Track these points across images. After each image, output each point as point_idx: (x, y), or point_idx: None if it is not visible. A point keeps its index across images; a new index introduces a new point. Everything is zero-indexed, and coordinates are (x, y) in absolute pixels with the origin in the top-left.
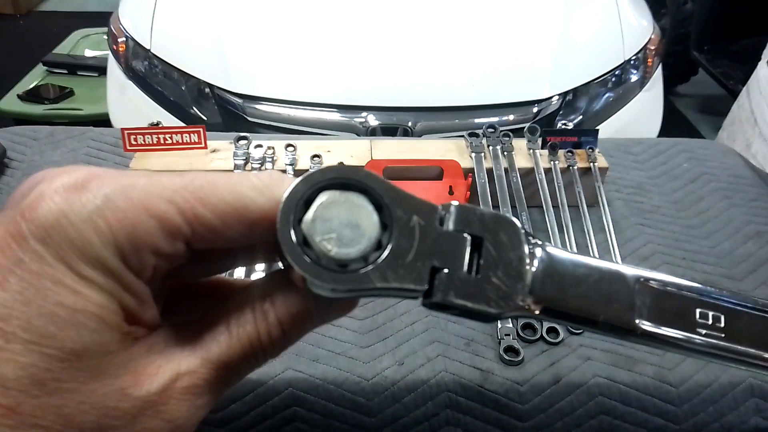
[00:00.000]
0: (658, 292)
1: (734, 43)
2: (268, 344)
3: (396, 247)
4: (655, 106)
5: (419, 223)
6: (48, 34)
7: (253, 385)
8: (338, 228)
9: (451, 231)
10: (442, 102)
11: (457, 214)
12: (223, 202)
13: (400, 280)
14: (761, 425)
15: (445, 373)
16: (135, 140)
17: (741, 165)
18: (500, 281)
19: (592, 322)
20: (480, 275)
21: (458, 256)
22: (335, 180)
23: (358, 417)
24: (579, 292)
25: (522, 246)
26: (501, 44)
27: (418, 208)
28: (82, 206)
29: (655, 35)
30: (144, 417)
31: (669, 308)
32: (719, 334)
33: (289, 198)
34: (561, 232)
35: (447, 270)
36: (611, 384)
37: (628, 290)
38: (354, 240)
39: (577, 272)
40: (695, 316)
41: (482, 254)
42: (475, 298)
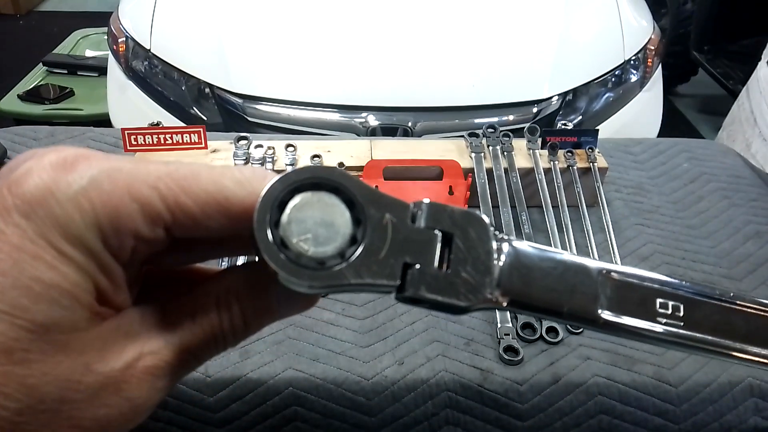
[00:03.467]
0: (619, 283)
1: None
2: (229, 333)
3: (369, 244)
4: (655, 106)
5: (391, 220)
6: (48, 34)
7: (254, 385)
8: (313, 227)
9: (423, 228)
10: (442, 102)
11: (428, 211)
12: (204, 192)
13: (373, 276)
14: (760, 425)
15: (445, 373)
16: (135, 140)
17: (741, 165)
18: (469, 275)
19: (557, 312)
20: (450, 270)
21: (429, 251)
22: (310, 180)
23: (359, 416)
24: (544, 284)
25: (490, 241)
26: (501, 44)
27: (391, 206)
28: (68, 185)
29: (655, 35)
30: (105, 393)
31: (630, 298)
32: (678, 322)
33: (266, 198)
34: (561, 232)
35: (418, 265)
36: (610, 383)
37: (591, 282)
38: (329, 238)
39: (543, 265)
40: (655, 306)
41: (452, 250)
42: (446, 291)
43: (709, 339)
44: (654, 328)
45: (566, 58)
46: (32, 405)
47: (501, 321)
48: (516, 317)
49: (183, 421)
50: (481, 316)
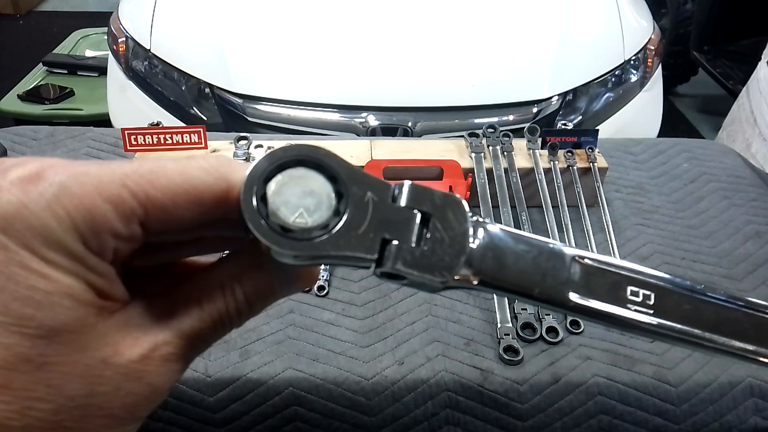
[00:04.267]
0: (592, 269)
1: (734, 43)
2: (234, 316)
3: (350, 218)
4: (655, 106)
5: (373, 198)
6: (48, 34)
7: (254, 385)
8: (298, 200)
9: (403, 207)
10: (442, 102)
11: (408, 192)
12: (172, 182)
13: (352, 249)
14: (760, 425)
15: (444, 373)
16: (135, 140)
17: (741, 165)
18: (445, 254)
19: (528, 294)
20: (426, 247)
21: (408, 229)
22: (296, 157)
23: (359, 416)
24: (517, 266)
25: (466, 223)
26: (501, 44)
27: (373, 185)
28: (40, 195)
29: (655, 35)
30: (127, 382)
31: (601, 284)
32: (648, 310)
33: (253, 172)
34: (561, 232)
35: (397, 242)
36: (611, 383)
37: (563, 266)
38: (312, 211)
39: (517, 248)
40: (626, 293)
41: (429, 229)
42: (421, 268)
43: (677, 327)
44: (623, 314)
45: (566, 58)
46: (63, 403)
47: (501, 321)
48: (516, 317)
49: (183, 421)
50: (481, 316)
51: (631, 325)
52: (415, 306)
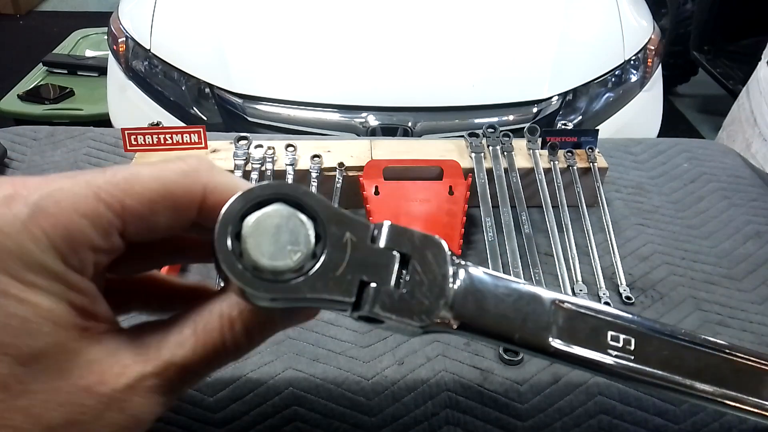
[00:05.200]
0: (572, 313)
1: (734, 43)
2: (232, 350)
3: (328, 260)
4: (655, 106)
5: (351, 239)
6: (48, 34)
7: (254, 385)
8: (273, 240)
9: (382, 248)
10: (442, 102)
11: (388, 232)
12: (147, 189)
13: (329, 292)
14: (761, 425)
15: (445, 373)
16: (135, 140)
17: (741, 165)
18: (424, 297)
19: (508, 339)
20: (406, 290)
21: (386, 271)
22: (274, 195)
23: (359, 416)
24: (497, 310)
25: (446, 265)
26: (501, 44)
27: (352, 225)
28: (15, 217)
29: (655, 35)
30: (109, 412)
31: (581, 329)
32: (629, 356)
33: (228, 211)
34: (561, 232)
35: (375, 284)
36: (611, 383)
37: (543, 311)
38: (288, 253)
39: (497, 292)
40: (607, 338)
41: (409, 271)
42: (400, 311)
43: (658, 374)
44: (604, 360)
45: (566, 58)
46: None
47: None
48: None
49: (183, 421)
50: None
51: (613, 372)
52: None
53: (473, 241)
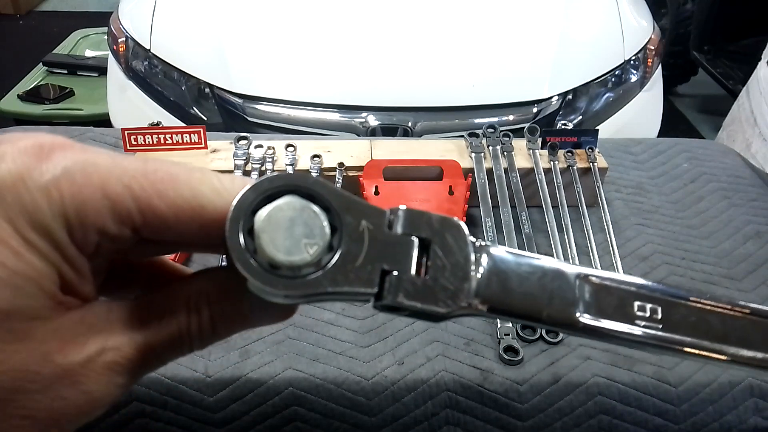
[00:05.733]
0: (597, 287)
1: (734, 43)
2: (196, 337)
3: (345, 252)
4: (655, 106)
5: (368, 227)
6: (48, 34)
7: (254, 385)
8: (287, 235)
9: (400, 234)
10: (442, 102)
11: (405, 217)
12: (180, 197)
13: (350, 284)
14: (760, 425)
15: (444, 373)
16: (135, 140)
17: (741, 165)
18: (447, 282)
19: (537, 318)
20: (428, 276)
21: (407, 258)
22: (284, 187)
23: (359, 416)
24: (523, 289)
25: (467, 247)
26: (501, 44)
27: (367, 212)
28: (41, 174)
29: (655, 35)
30: (61, 385)
31: (608, 302)
32: (657, 324)
33: (238, 206)
34: (561, 232)
35: (396, 272)
36: (610, 383)
37: (569, 286)
38: (304, 246)
39: (521, 271)
40: (634, 309)
41: (430, 256)
42: (424, 298)
43: (687, 341)
44: (633, 331)
45: (566, 58)
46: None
47: (501, 321)
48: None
49: (183, 421)
50: None
51: (642, 342)
52: None
53: None
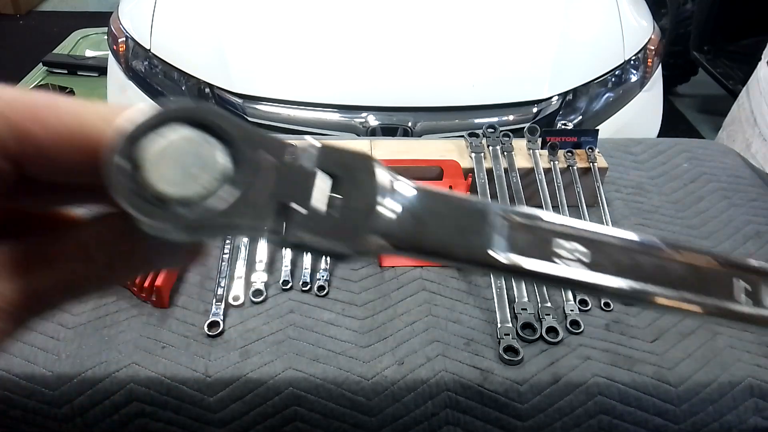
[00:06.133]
0: (519, 225)
1: (734, 43)
2: (93, 282)
3: (242, 183)
4: (655, 107)
5: (270, 159)
6: (48, 34)
7: (254, 385)
8: (177, 166)
9: (306, 169)
10: (442, 102)
11: (312, 152)
12: (62, 124)
13: (245, 218)
14: (760, 425)
15: (444, 373)
16: None
17: (741, 165)
18: (354, 219)
19: (450, 256)
20: (334, 213)
21: (309, 192)
22: (175, 115)
23: (359, 416)
24: (436, 228)
25: (378, 183)
26: (501, 44)
27: (270, 144)
28: None
29: (655, 35)
30: None
31: (528, 240)
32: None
33: (122, 131)
34: None
35: (299, 207)
36: (611, 383)
37: (486, 224)
38: (195, 178)
39: (435, 208)
40: (557, 247)
41: (337, 192)
42: (327, 235)
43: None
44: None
45: (566, 57)
46: None
47: (501, 321)
48: (516, 317)
49: (183, 421)
50: (481, 316)
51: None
52: (415, 306)
53: None
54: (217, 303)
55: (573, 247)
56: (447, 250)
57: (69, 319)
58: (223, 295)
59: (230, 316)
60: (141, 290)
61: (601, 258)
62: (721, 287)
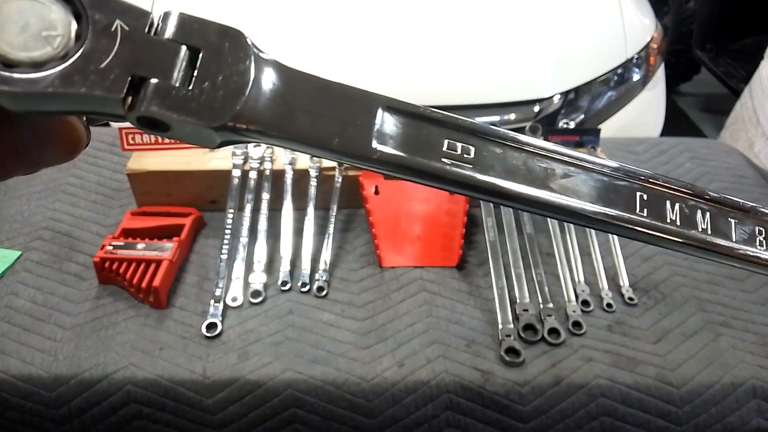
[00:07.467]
0: (404, 120)
1: (736, 41)
2: None
3: (89, 51)
4: (658, 105)
5: (122, 27)
6: None
7: (253, 387)
8: (17, 28)
9: (165, 40)
10: (442, 101)
11: (174, 23)
12: None
13: (89, 87)
14: (763, 426)
15: (445, 375)
16: (133, 139)
17: (744, 164)
18: (216, 96)
19: (324, 146)
20: (193, 88)
21: (169, 66)
22: None
23: (358, 418)
24: (313, 113)
25: (246, 60)
26: (502, 43)
27: (125, 11)
28: None
29: (658, 34)
30: None
31: (415, 137)
32: (467, 164)
33: None
34: (562, 232)
35: (156, 80)
36: (613, 385)
37: (369, 115)
38: (37, 40)
39: (313, 93)
40: (443, 146)
41: (199, 67)
42: (184, 110)
43: (497, 182)
44: (438, 167)
45: (568, 56)
46: None
47: (502, 322)
48: (518, 319)
49: (181, 423)
50: (482, 317)
51: (447, 180)
52: (416, 307)
53: (474, 241)
54: (215, 304)
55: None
56: (324, 141)
57: (66, 321)
58: (221, 295)
59: (228, 317)
60: (138, 291)
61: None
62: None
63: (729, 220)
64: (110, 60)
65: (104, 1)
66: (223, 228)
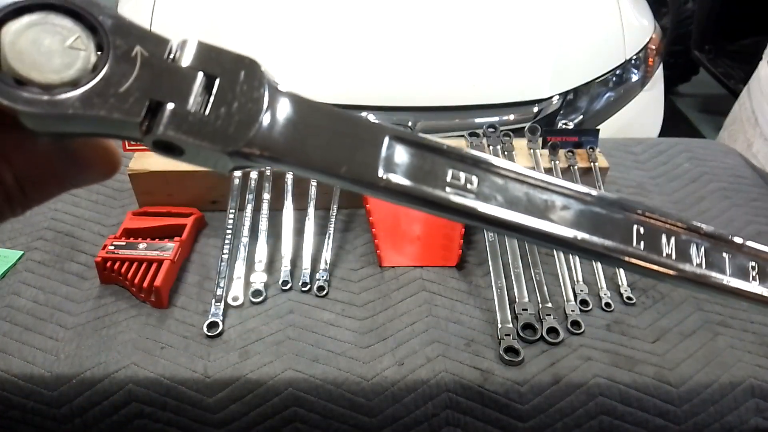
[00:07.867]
0: (411, 151)
1: (735, 42)
2: (5, 204)
3: (110, 75)
4: (656, 106)
5: (142, 53)
6: None
7: (253, 386)
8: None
9: (183, 67)
10: (442, 102)
11: (192, 50)
12: None
13: (109, 110)
14: (761, 425)
15: (445, 374)
16: None
17: (742, 165)
18: (231, 122)
19: (333, 173)
20: (209, 114)
21: (186, 92)
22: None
23: (358, 417)
24: (323, 141)
25: (261, 87)
26: (501, 44)
27: (144, 38)
28: None
29: (656, 35)
30: None
31: (419, 166)
32: (470, 194)
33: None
34: None
35: (172, 105)
36: (611, 384)
37: (376, 144)
38: (60, 65)
39: (322, 122)
40: (447, 176)
41: (214, 93)
42: (199, 134)
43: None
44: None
45: (567, 57)
46: None
47: (501, 321)
48: (517, 318)
49: (182, 422)
50: (481, 317)
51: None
52: (416, 306)
53: (474, 241)
54: (216, 303)
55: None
56: (333, 168)
57: (68, 320)
58: (222, 295)
59: (229, 316)
60: (140, 290)
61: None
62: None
63: (723, 255)
64: (129, 84)
65: (125, 28)
66: (224, 228)
